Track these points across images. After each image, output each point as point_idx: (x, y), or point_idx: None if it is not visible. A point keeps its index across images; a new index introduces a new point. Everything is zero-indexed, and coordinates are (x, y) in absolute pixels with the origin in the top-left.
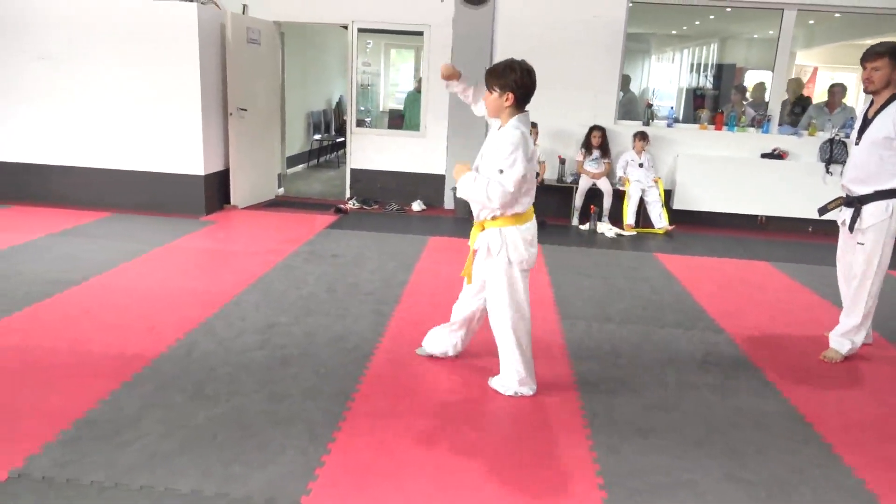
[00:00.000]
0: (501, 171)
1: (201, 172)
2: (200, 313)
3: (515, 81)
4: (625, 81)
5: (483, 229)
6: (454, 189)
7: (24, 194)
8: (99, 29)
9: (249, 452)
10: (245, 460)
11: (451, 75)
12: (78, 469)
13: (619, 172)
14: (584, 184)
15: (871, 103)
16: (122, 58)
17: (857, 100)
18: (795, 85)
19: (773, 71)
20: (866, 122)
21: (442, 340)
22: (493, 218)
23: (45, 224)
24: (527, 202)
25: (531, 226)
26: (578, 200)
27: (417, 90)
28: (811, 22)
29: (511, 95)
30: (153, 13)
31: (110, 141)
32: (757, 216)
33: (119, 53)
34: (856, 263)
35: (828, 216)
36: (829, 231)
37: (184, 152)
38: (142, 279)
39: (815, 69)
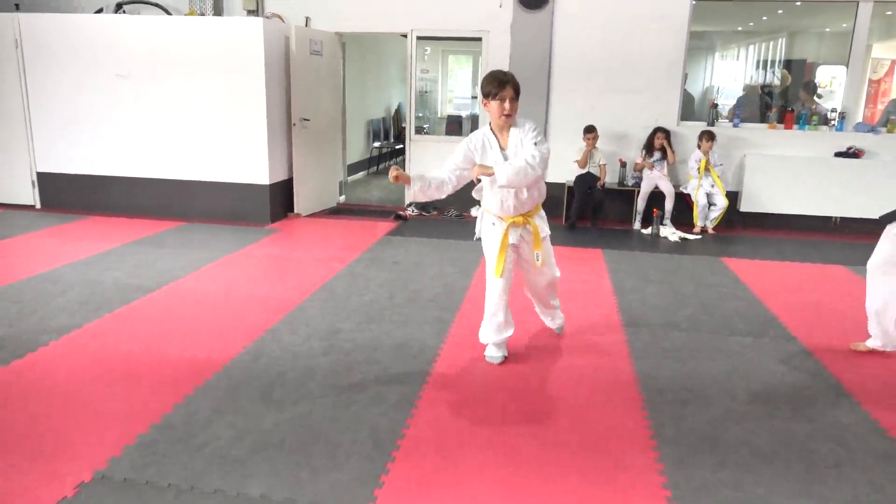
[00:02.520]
0: (536, 144)
1: (266, 182)
2: (267, 319)
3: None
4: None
5: (526, 221)
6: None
7: (102, 205)
8: (170, 46)
9: (316, 458)
10: (312, 465)
11: (399, 178)
12: (156, 472)
13: (693, 172)
14: (646, 186)
15: None
16: (192, 73)
17: None
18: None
19: (847, 66)
20: None
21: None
22: (536, 207)
23: (122, 234)
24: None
25: None
26: (641, 204)
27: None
28: (889, 13)
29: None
30: (221, 29)
31: (181, 153)
32: (831, 218)
33: (189, 69)
34: None
35: None
36: None
37: (250, 162)
38: (212, 286)
39: (893, 62)
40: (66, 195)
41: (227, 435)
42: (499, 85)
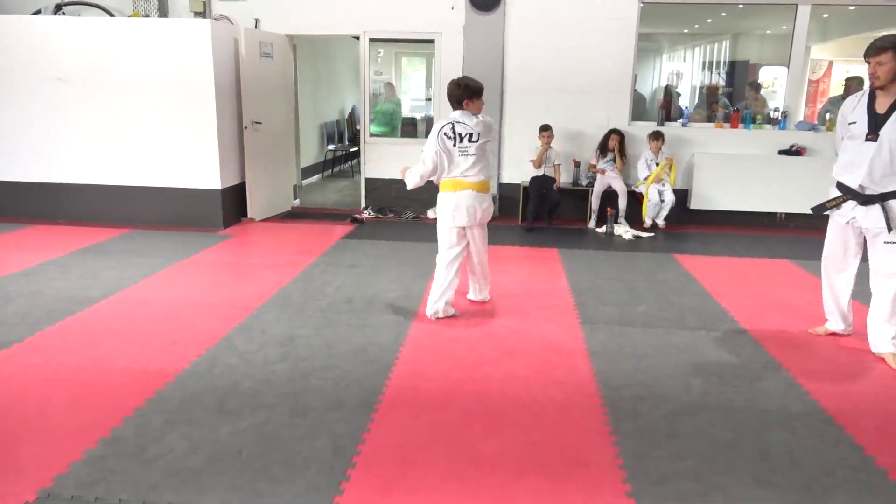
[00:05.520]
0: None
1: (218, 186)
2: (221, 327)
3: None
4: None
5: None
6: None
7: (44, 213)
8: (114, 49)
9: (274, 467)
10: (270, 475)
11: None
12: (105, 488)
13: (640, 175)
14: (599, 186)
15: (874, 97)
16: (138, 76)
17: None
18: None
19: (788, 66)
20: (876, 118)
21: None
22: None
23: (65, 242)
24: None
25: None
26: (595, 202)
27: (387, 99)
28: (825, 16)
29: None
30: (167, 31)
31: (128, 158)
32: (776, 214)
33: (134, 72)
34: (888, 263)
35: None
36: None
37: (200, 167)
38: (162, 294)
39: (831, 63)
40: (4, 203)
41: (180, 447)
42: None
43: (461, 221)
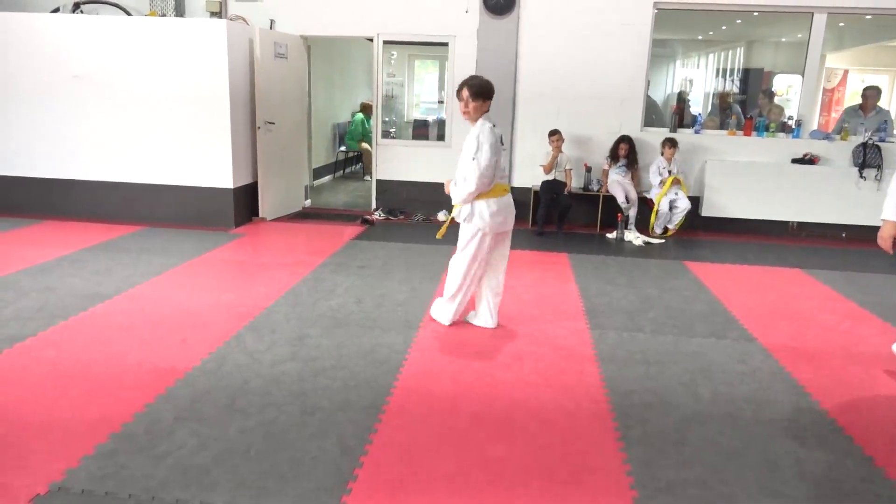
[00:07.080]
0: (474, 158)
1: (230, 186)
2: (232, 326)
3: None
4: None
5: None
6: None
7: (57, 209)
8: (130, 48)
9: (282, 466)
10: (278, 474)
11: None
12: (116, 482)
13: (653, 181)
14: (620, 193)
15: None
16: (154, 74)
17: (889, 102)
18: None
19: (803, 75)
20: None
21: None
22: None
23: (78, 239)
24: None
25: (496, 200)
26: (633, 210)
27: (360, 111)
28: (841, 24)
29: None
30: (183, 31)
31: (141, 156)
32: (788, 222)
33: (150, 70)
34: None
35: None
36: (862, 237)
37: (213, 166)
38: (173, 292)
39: (846, 72)
40: (20, 199)
41: (190, 443)
42: (458, 86)
43: (497, 228)
